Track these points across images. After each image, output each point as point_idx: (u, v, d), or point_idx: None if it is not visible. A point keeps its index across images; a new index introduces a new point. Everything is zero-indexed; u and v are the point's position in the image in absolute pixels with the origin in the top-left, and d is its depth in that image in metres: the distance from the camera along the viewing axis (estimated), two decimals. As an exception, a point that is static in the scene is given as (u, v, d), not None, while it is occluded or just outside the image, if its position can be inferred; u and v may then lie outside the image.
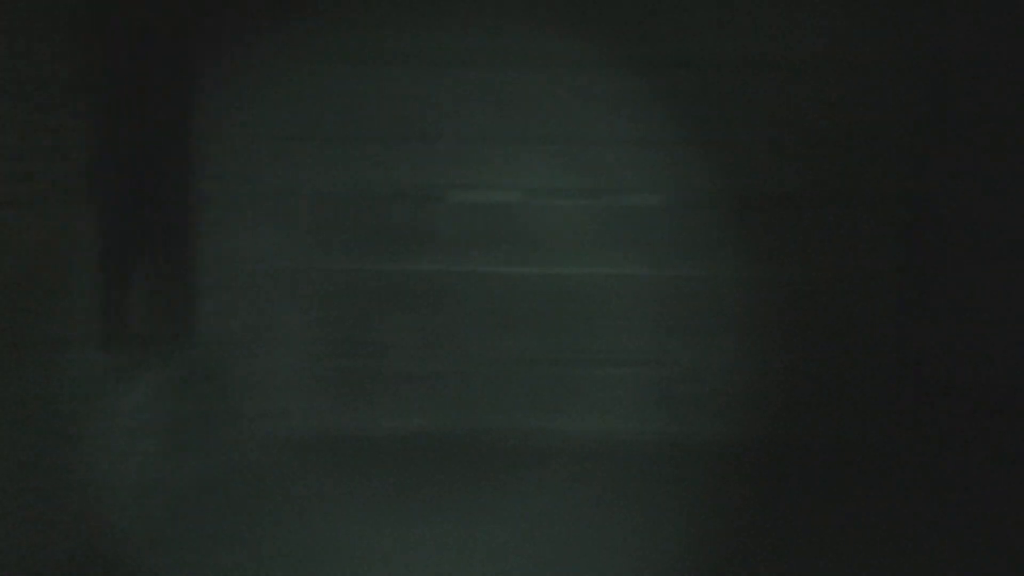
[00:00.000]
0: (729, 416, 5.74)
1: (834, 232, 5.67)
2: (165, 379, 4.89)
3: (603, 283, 5.72)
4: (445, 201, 5.67)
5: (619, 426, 5.74)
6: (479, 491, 4.81)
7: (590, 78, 5.60)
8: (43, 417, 3.87)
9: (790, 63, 5.58)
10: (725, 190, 5.65)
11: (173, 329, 5.22)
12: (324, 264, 5.63)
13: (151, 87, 4.94)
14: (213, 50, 5.35)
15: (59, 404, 3.96)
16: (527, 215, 5.69)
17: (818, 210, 5.66)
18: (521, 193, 5.68)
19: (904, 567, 4.02)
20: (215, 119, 5.40)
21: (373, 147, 5.60)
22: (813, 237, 5.68)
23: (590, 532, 4.31)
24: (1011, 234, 5.59)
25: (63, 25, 3.98)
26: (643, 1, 5.53)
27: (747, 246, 5.67)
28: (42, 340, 3.88)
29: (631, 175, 5.66)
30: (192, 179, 5.40)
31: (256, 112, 5.47)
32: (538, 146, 5.64)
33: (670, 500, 4.70)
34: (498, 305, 5.72)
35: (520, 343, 5.73)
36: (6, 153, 3.66)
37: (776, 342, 5.70)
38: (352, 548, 4.10)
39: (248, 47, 5.38)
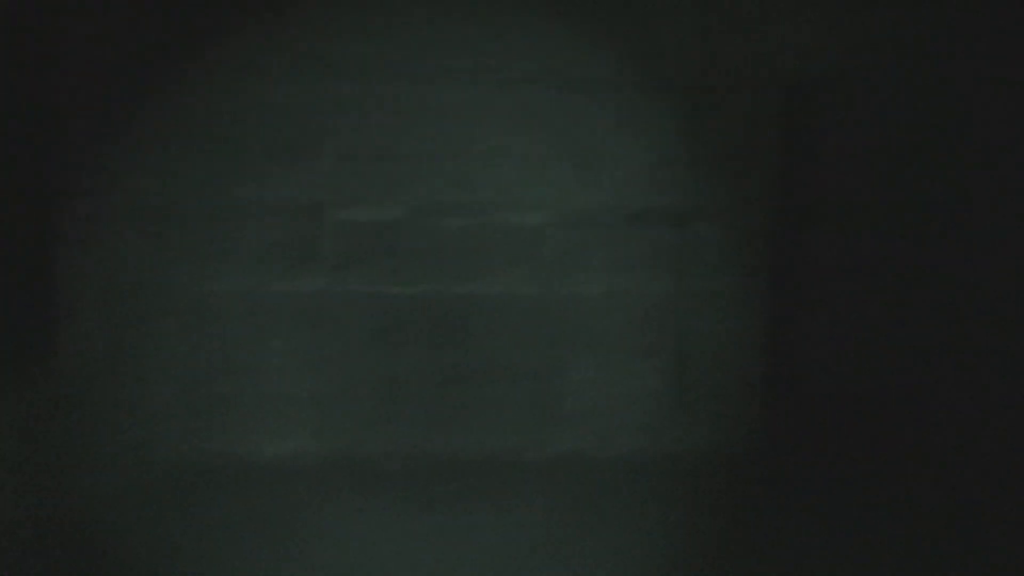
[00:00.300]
0: (619, 431, 5.75)
1: (711, 246, 5.76)
2: (26, 406, 4.63)
3: (489, 301, 5.67)
4: (327, 218, 5.54)
5: (509, 443, 5.69)
6: (366, 514, 4.68)
7: (476, 93, 5.57)
8: None
9: (668, 84, 5.65)
10: (609, 207, 5.68)
11: (36, 352, 4.95)
12: (200, 284, 5.44)
13: (9, 93, 4.70)
14: (82, 57, 5.14)
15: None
16: (412, 233, 5.61)
17: (697, 225, 5.74)
18: (406, 210, 5.59)
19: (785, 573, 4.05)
20: (82, 130, 5.18)
21: (251, 161, 5.45)
22: (693, 252, 5.75)
23: (485, 554, 4.23)
24: (878, 247, 5.75)
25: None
26: (528, 18, 5.54)
27: (631, 261, 5.71)
28: None
29: (517, 192, 5.64)
30: (57, 193, 5.15)
31: (128, 123, 5.27)
32: (423, 162, 5.57)
33: (566, 517, 4.66)
34: (382, 325, 5.61)
35: (406, 363, 5.63)
36: None
37: (662, 355, 5.75)
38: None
39: (121, 56, 5.19)
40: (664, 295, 5.75)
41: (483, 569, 4.07)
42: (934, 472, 5.46)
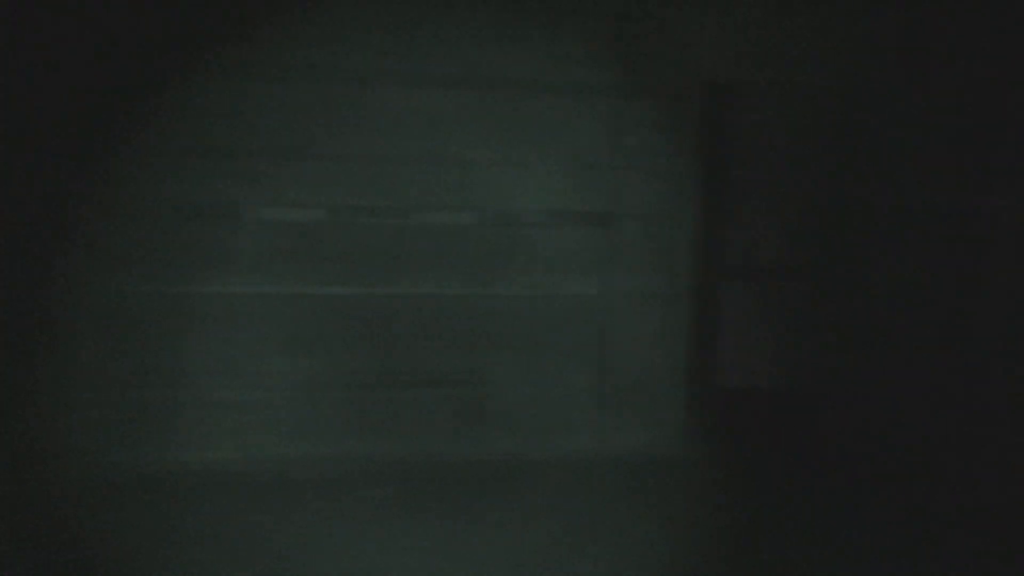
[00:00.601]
0: (545, 431, 5.74)
1: (636, 247, 5.78)
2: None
3: (412, 303, 5.60)
4: (245, 219, 5.40)
5: (434, 447, 5.64)
6: (292, 520, 4.59)
7: (400, 95, 5.49)
8: None
9: (592, 85, 5.65)
10: (534, 208, 5.66)
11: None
12: (117, 286, 5.26)
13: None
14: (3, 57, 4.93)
15: None
16: (333, 233, 5.50)
17: (623, 226, 5.75)
18: (326, 211, 5.49)
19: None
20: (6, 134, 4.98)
21: (166, 161, 5.29)
22: (619, 252, 5.77)
23: (414, 557, 4.17)
24: (802, 247, 5.83)
25: None
26: (450, 20, 5.48)
27: (556, 262, 5.70)
28: None
29: (442, 192, 5.58)
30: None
31: (41, 125, 5.07)
32: (344, 162, 5.47)
33: (493, 519, 4.63)
34: (304, 327, 5.50)
35: (328, 366, 5.53)
36: None
37: (588, 356, 5.75)
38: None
39: (43, 55, 4.99)
40: (590, 296, 5.75)
41: (412, 573, 4.03)
42: (858, 469, 5.56)
